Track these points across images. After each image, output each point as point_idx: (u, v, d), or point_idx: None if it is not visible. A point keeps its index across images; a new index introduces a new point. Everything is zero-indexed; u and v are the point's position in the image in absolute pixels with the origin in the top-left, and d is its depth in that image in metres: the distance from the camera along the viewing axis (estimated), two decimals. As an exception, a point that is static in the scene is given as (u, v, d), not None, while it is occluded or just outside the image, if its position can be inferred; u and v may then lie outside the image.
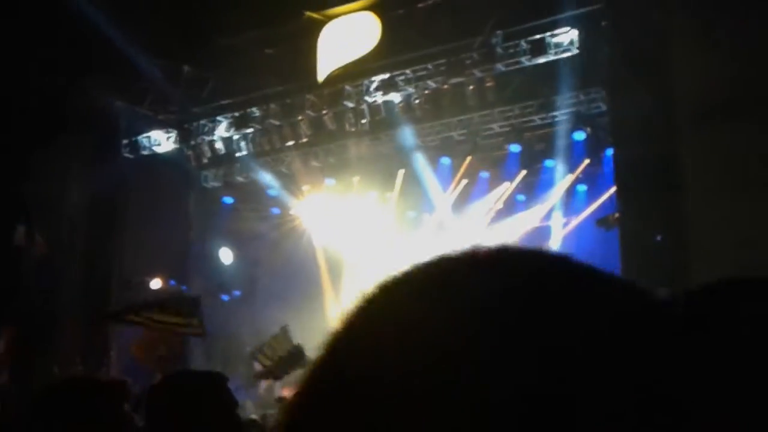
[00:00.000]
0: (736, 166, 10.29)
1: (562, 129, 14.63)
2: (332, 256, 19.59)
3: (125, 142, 15.49)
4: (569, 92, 13.64)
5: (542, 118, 14.40)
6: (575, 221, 17.35)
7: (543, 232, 18.18)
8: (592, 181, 16.34)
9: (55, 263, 13.70)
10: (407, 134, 15.02)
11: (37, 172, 13.05)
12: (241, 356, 17.69)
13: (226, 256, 18.96)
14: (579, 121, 14.36)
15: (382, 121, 14.53)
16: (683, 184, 10.80)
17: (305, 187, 17.70)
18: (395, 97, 13.88)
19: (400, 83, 13.51)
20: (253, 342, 17.35)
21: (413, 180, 16.63)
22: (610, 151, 14.04)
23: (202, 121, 15.29)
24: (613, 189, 14.36)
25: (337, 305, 19.24)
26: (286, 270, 19.09)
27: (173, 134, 15.64)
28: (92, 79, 13.34)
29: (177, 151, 16.01)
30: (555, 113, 14.23)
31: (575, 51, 12.39)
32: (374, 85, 13.71)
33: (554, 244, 17.77)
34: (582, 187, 16.89)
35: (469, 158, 16.00)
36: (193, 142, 15.79)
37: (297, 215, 18.89)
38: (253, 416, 8.91)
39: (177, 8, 11.32)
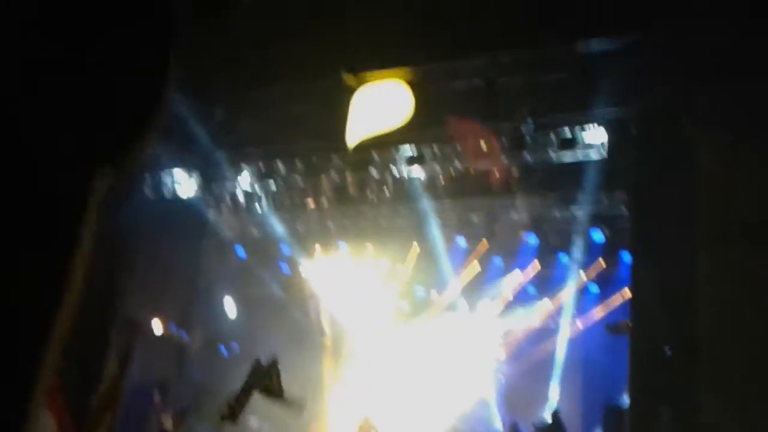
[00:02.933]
0: (753, 290, 10.14)
1: (580, 226, 14.58)
2: (337, 322, 19.39)
3: (147, 180, 15.56)
4: (592, 191, 13.62)
5: (562, 213, 14.36)
6: (583, 322, 17.14)
7: (550, 328, 17.96)
8: (605, 282, 16.18)
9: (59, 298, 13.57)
10: (427, 209, 15.02)
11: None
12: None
13: (231, 308, 18.83)
14: (598, 220, 14.31)
15: (404, 193, 14.56)
16: (698, 303, 10.63)
17: (317, 248, 17.67)
18: (420, 172, 13.94)
19: (427, 158, 13.58)
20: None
21: (427, 255, 16.55)
22: (625, 255, 13.93)
23: (226, 169, 15.38)
24: (624, 293, 14.22)
25: (334, 374, 18.97)
26: (288, 331, 18.89)
27: (195, 177, 15.71)
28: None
29: (197, 196, 16.07)
30: (575, 209, 14.19)
31: (602, 151, 12.43)
32: (401, 157, 13.80)
33: (561, 343, 17.55)
34: (594, 288, 16.72)
35: (484, 242, 15.94)
36: (214, 190, 15.87)
37: (307, 276, 18.80)
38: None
39: (217, 51, 11.51)
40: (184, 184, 15.80)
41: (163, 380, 15.95)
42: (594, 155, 12.61)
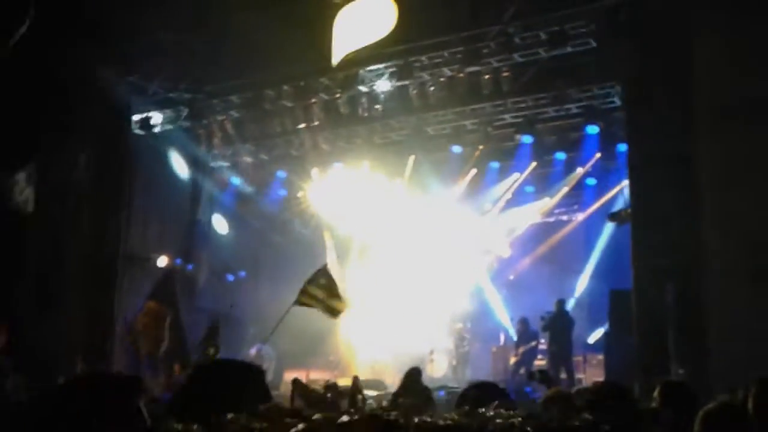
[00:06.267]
0: (750, 166, 10.20)
1: (575, 122, 14.52)
2: (339, 238, 19.55)
3: (136, 118, 15.34)
4: (584, 85, 13.51)
5: (556, 110, 14.26)
6: (584, 214, 17.32)
7: (552, 223, 18.16)
8: (603, 175, 16.25)
9: (62, 239, 13.53)
10: (420, 121, 14.91)
11: (45, 148, 12.87)
12: (243, 338, 17.70)
13: (227, 232, 18.78)
14: (592, 115, 14.21)
15: (395, 107, 14.41)
16: (698, 183, 10.70)
17: (314, 170, 17.64)
18: (410, 84, 13.75)
19: (416, 70, 13.37)
20: (256, 324, 17.33)
21: (423, 167, 16.54)
22: (622, 147, 13.94)
23: (214, 101, 15.16)
24: (623, 184, 14.30)
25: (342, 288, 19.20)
26: (291, 252, 19.05)
27: (184, 112, 15.51)
28: (102, 55, 13.20)
29: (187, 129, 15.91)
30: (569, 106, 14.08)
31: (593, 44, 12.22)
32: (389, 71, 13.59)
33: (563, 235, 17.79)
34: (592, 181, 16.80)
35: (480, 148, 15.89)
36: (204, 122, 15.69)
37: (304, 198, 18.84)
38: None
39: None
40: (173, 120, 15.63)
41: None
42: (583, 49, 12.40)
